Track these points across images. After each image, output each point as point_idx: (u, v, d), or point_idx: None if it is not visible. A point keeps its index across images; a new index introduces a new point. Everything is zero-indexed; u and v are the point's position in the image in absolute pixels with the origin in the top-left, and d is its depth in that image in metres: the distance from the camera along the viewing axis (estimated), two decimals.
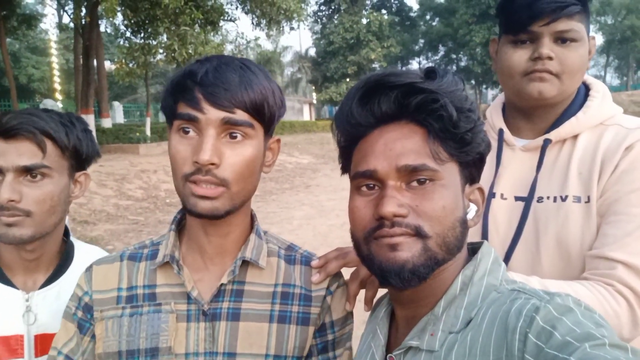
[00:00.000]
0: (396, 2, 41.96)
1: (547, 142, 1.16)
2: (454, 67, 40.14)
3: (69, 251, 1.23)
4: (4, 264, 1.15)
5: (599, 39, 50.19)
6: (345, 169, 0.82)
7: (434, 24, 40.63)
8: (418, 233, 0.69)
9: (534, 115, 1.20)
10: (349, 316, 1.01)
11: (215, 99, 0.82)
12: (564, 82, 1.12)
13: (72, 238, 1.26)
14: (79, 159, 1.17)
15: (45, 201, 1.09)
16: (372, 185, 0.73)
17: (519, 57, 1.13)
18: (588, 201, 1.09)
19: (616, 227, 1.03)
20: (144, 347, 0.89)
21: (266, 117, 0.87)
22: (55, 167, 1.11)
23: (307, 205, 10.29)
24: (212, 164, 0.82)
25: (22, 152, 1.06)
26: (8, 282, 1.14)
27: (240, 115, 0.83)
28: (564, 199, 1.11)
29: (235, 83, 0.83)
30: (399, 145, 0.71)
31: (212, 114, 0.82)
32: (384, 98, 0.73)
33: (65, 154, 1.13)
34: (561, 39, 1.10)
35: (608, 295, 0.98)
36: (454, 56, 39.45)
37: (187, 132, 0.84)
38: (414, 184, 0.70)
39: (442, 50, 40.37)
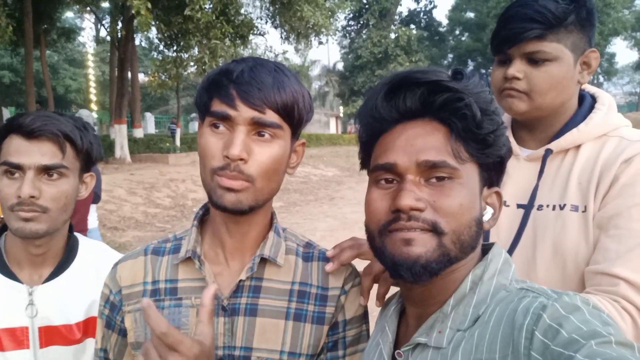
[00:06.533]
0: (425, 17, 41.88)
1: (548, 152, 1.20)
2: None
3: (73, 246, 1.27)
4: (11, 259, 1.20)
5: (634, 55, 48.81)
6: (364, 164, 0.83)
7: (463, 38, 40.44)
8: (434, 229, 0.69)
9: (534, 127, 1.24)
10: (363, 317, 1.01)
11: (248, 97, 0.84)
12: (535, 99, 1.16)
13: (75, 233, 1.30)
14: (89, 161, 1.22)
15: (61, 199, 1.14)
16: (390, 179, 0.74)
17: (497, 75, 1.20)
18: (585, 211, 1.11)
19: (618, 241, 1.05)
20: None
21: (295, 119, 0.89)
22: (71, 167, 1.17)
23: (331, 217, 10.29)
24: (241, 159, 0.84)
25: (44, 152, 1.11)
26: (12, 276, 1.18)
27: (270, 115, 0.86)
28: (562, 208, 1.14)
29: (268, 84, 0.85)
30: (420, 141, 0.72)
31: (244, 112, 0.84)
32: (410, 94, 0.74)
33: (79, 156, 1.19)
34: (532, 59, 1.14)
35: (614, 311, 0.98)
36: (483, 71, 39.07)
37: (218, 127, 0.86)
38: (433, 180, 0.71)
39: (471, 65, 40.06)
